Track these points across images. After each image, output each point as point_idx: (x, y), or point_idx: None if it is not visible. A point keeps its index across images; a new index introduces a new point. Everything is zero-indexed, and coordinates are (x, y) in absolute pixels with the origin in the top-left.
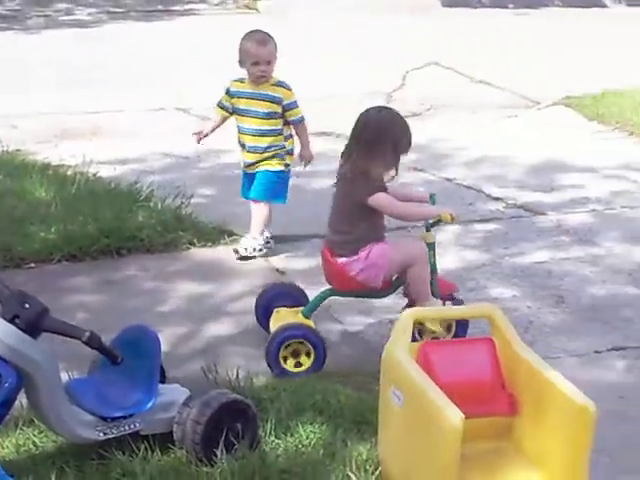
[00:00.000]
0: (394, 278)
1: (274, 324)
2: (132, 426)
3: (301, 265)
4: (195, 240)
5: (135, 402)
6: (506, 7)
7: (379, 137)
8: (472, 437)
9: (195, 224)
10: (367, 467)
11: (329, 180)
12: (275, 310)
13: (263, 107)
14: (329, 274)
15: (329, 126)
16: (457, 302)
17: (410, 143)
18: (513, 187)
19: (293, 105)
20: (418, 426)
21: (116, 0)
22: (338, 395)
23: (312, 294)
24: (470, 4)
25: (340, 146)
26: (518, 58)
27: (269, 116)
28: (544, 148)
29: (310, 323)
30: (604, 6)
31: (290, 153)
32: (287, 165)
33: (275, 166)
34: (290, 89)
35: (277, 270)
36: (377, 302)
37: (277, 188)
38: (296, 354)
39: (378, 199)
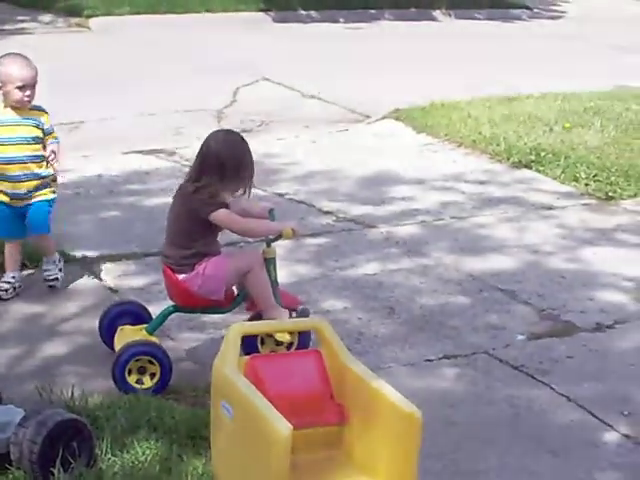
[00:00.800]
0: (236, 291)
1: (118, 342)
2: None
3: (134, 283)
4: (26, 261)
5: None
6: (337, 21)
7: (221, 159)
8: (303, 447)
9: (26, 244)
10: None
11: (159, 199)
12: (119, 328)
13: (30, 132)
14: (172, 291)
15: (160, 144)
16: (303, 313)
17: (251, 164)
18: (344, 201)
19: (51, 129)
20: (248, 438)
21: None
22: (173, 411)
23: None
24: (301, 19)
25: (172, 164)
26: (348, 72)
27: (35, 141)
28: (374, 161)
29: (155, 340)
30: (434, 19)
31: (55, 180)
32: (54, 192)
33: (49, 195)
34: (47, 112)
35: (110, 289)
36: (208, 318)
37: (50, 217)
38: (142, 371)
39: (219, 215)
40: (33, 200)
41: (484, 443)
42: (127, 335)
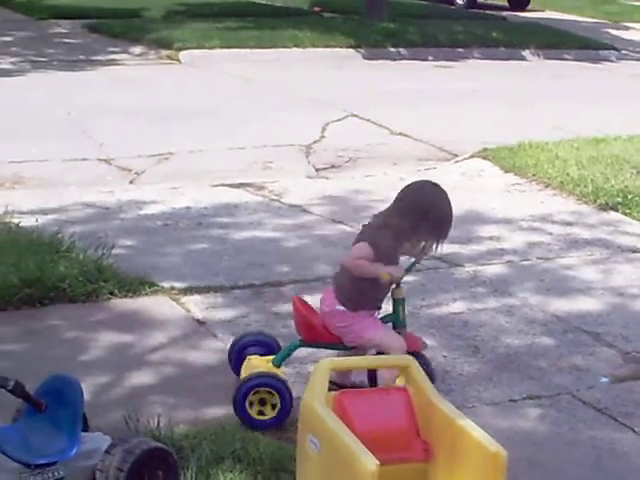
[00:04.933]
0: None
1: (244, 372)
2: (55, 474)
3: (222, 315)
4: (116, 290)
5: (58, 450)
6: (426, 59)
7: (410, 209)
8: None
9: (116, 274)
10: None
11: (247, 232)
12: (247, 358)
13: None
14: (302, 323)
15: (249, 178)
16: (422, 360)
17: (441, 230)
18: None
19: None
20: (335, 473)
21: (39, 49)
22: (257, 443)
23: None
24: (390, 56)
25: (260, 198)
26: (437, 110)
27: None
28: (462, 200)
29: (278, 372)
30: (523, 59)
31: None
32: None
33: None
34: None
35: (197, 320)
36: (296, 352)
37: None
38: (263, 402)
39: (358, 244)
40: None
41: None
42: (253, 366)
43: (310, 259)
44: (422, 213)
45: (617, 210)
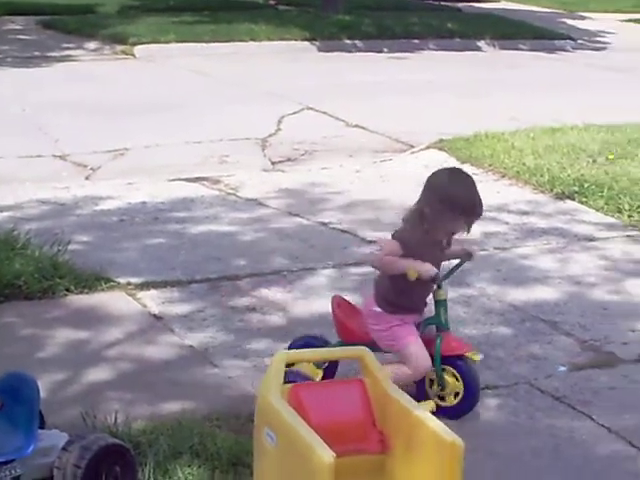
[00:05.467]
0: None
1: None
2: (12, 471)
3: (178, 310)
4: (72, 287)
5: (15, 447)
6: (381, 51)
7: (432, 196)
8: (346, 475)
9: (72, 271)
10: None
11: (203, 226)
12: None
13: None
14: (338, 325)
15: (205, 172)
16: (463, 364)
17: (467, 211)
18: (387, 230)
19: None
20: (291, 466)
21: None
22: (215, 438)
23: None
24: (345, 48)
25: (216, 192)
26: (392, 102)
27: None
28: (418, 191)
29: (318, 374)
30: (478, 50)
31: None
32: None
33: None
34: None
35: (154, 316)
36: (253, 346)
37: None
38: None
39: (386, 241)
40: None
41: (525, 473)
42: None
43: (266, 252)
44: (446, 199)
45: (573, 199)
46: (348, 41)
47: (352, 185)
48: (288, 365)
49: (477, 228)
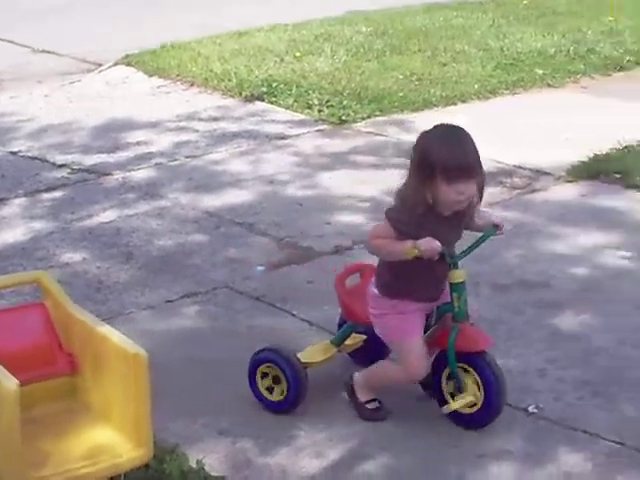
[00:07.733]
0: None
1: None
2: None
3: None
4: None
5: None
6: None
7: (411, 162)
8: (38, 401)
9: None
10: None
11: None
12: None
13: None
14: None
15: None
16: (484, 359)
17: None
18: (78, 152)
19: None
20: None
21: None
22: None
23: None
24: None
25: None
26: (76, 22)
27: None
28: (107, 109)
29: (332, 351)
30: None
31: None
32: None
33: None
34: None
35: None
36: None
37: None
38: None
39: (377, 225)
40: None
41: (228, 378)
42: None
43: None
44: (424, 163)
45: (263, 100)
46: None
47: (41, 111)
48: None
49: (168, 139)
